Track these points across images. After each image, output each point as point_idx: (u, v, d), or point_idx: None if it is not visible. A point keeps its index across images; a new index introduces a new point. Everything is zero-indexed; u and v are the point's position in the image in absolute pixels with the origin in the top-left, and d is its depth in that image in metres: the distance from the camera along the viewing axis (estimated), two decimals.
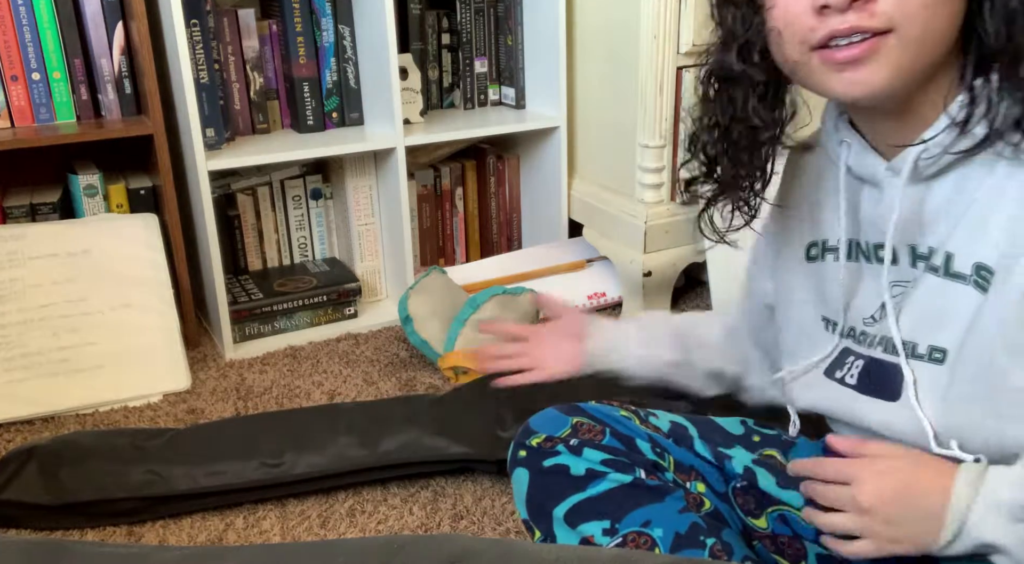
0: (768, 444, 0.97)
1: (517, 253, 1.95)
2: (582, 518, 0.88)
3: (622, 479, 0.89)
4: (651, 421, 0.97)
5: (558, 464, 0.92)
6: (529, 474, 0.93)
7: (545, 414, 0.97)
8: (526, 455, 0.94)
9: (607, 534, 0.87)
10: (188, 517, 1.20)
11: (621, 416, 0.96)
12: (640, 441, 0.93)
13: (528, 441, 0.95)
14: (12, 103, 1.57)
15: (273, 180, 1.80)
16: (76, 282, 1.54)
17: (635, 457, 0.91)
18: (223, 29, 1.66)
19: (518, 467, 0.95)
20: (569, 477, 0.91)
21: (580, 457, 0.91)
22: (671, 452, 0.94)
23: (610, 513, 0.87)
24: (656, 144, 1.63)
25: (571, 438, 0.93)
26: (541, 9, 1.81)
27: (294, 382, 1.55)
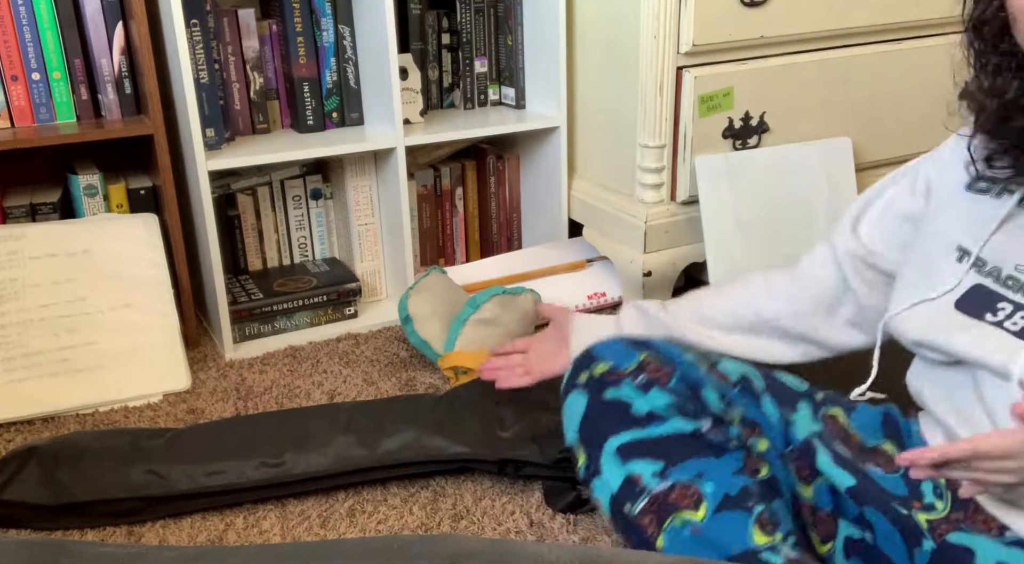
0: (831, 402, 0.96)
1: (517, 253, 1.95)
2: (636, 455, 0.88)
3: (684, 427, 0.88)
4: (719, 368, 0.96)
5: (620, 398, 0.90)
6: (588, 400, 0.92)
7: (611, 344, 0.96)
8: (586, 381, 0.93)
9: (657, 476, 0.86)
10: (188, 517, 1.20)
11: (689, 359, 0.95)
12: (707, 390, 0.92)
13: (591, 367, 0.94)
14: (12, 103, 1.57)
15: (273, 180, 1.80)
16: (76, 282, 1.54)
17: (701, 406, 0.90)
18: (223, 29, 1.66)
19: (576, 391, 0.93)
20: (630, 413, 0.90)
21: (645, 396, 0.90)
22: (738, 404, 0.93)
23: (665, 456, 0.87)
24: (656, 144, 1.63)
25: (638, 374, 0.91)
26: (541, 9, 1.81)
27: (294, 382, 1.55)
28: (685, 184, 1.66)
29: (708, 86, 1.61)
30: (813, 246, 1.10)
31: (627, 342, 0.96)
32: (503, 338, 1.57)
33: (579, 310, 1.78)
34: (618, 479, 0.89)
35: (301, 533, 1.17)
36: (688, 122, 1.62)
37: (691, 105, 1.61)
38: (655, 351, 0.94)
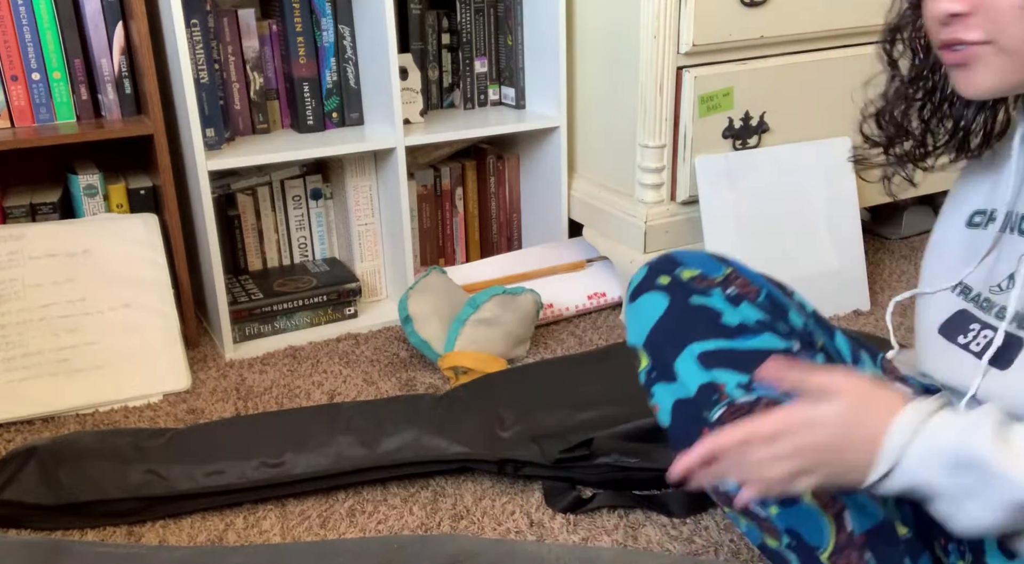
0: (887, 371, 0.96)
1: (517, 253, 1.95)
2: (722, 364, 0.85)
3: (776, 344, 0.86)
4: (795, 298, 0.94)
5: (710, 306, 0.88)
6: (669, 302, 0.89)
7: (696, 254, 0.93)
8: (670, 283, 0.90)
9: (742, 387, 0.84)
10: (188, 517, 1.20)
11: (771, 284, 0.93)
12: (793, 313, 0.90)
13: (676, 271, 0.91)
14: (12, 103, 1.57)
15: (273, 180, 1.80)
16: (76, 282, 1.54)
17: (791, 327, 0.89)
18: (223, 29, 1.66)
19: (655, 292, 0.90)
20: (720, 323, 0.87)
21: (736, 309, 0.87)
22: (818, 333, 0.91)
23: (752, 370, 0.83)
24: (656, 144, 1.63)
25: (728, 286, 0.89)
26: (541, 9, 1.81)
27: (294, 382, 1.55)
28: (685, 184, 1.66)
29: (708, 86, 1.61)
30: None
31: (710, 254, 0.93)
32: (503, 338, 1.57)
33: (579, 310, 1.79)
34: (695, 383, 0.86)
35: (301, 533, 1.17)
36: (688, 122, 1.62)
37: (691, 105, 1.61)
38: (738, 269, 0.92)
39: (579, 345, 1.68)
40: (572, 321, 1.77)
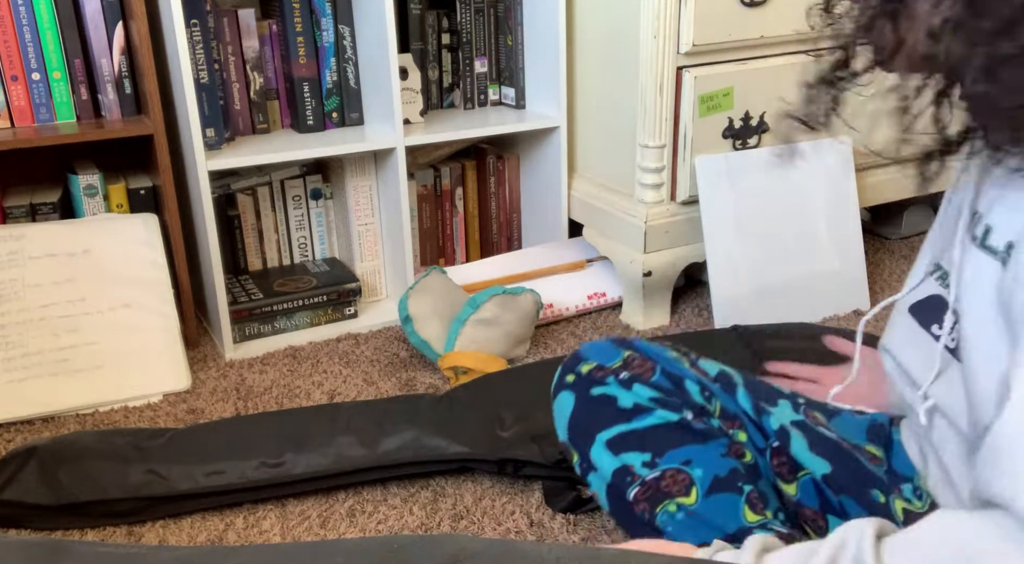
0: (814, 406, 0.98)
1: (517, 253, 1.95)
2: (625, 448, 0.90)
3: (669, 417, 0.91)
4: (700, 365, 0.98)
5: (606, 394, 0.93)
6: (575, 398, 0.95)
7: (597, 345, 0.99)
8: (574, 380, 0.96)
9: (647, 466, 0.89)
10: (188, 517, 1.20)
11: (671, 357, 0.97)
12: (689, 383, 0.94)
13: (578, 367, 0.97)
14: (12, 103, 1.57)
15: (273, 180, 1.80)
16: (76, 282, 1.54)
17: (684, 398, 0.93)
18: (223, 29, 1.66)
19: (564, 391, 0.96)
20: (616, 408, 0.92)
21: (630, 391, 0.92)
22: (718, 398, 0.95)
23: (652, 447, 0.89)
24: (656, 144, 1.63)
25: (622, 371, 0.94)
26: (541, 9, 1.81)
27: (294, 382, 1.55)
28: (685, 184, 1.66)
29: (708, 86, 1.60)
30: None
31: (612, 341, 0.99)
32: (503, 338, 1.57)
33: (579, 310, 1.79)
34: (611, 469, 0.91)
35: (301, 533, 1.17)
36: (688, 122, 1.62)
37: (691, 105, 1.61)
38: (638, 350, 0.98)
39: (579, 345, 1.68)
40: (572, 321, 1.77)
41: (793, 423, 0.94)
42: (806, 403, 0.98)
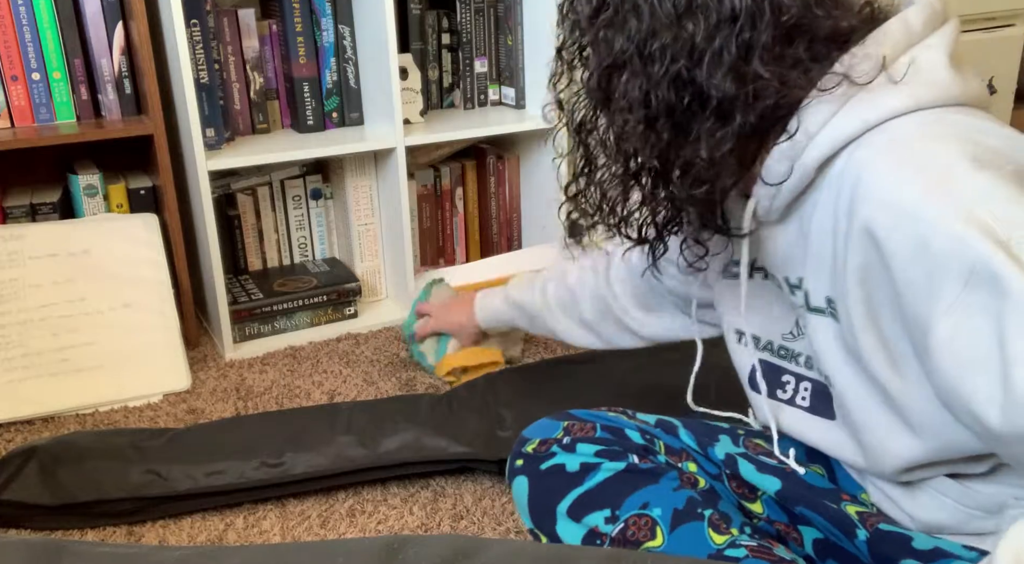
0: (753, 434, 0.99)
1: (517, 253, 1.95)
2: (584, 510, 0.90)
3: (616, 467, 0.91)
4: (638, 417, 1.00)
5: (554, 465, 0.94)
6: (528, 480, 0.95)
7: (538, 424, 1.00)
8: (523, 463, 0.97)
9: (609, 522, 0.89)
10: (188, 517, 1.20)
11: (609, 415, 0.99)
12: (629, 430, 0.96)
13: (523, 449, 0.97)
14: (12, 103, 1.57)
15: (273, 180, 1.80)
16: (76, 282, 1.54)
17: (626, 444, 0.94)
18: (223, 29, 1.66)
19: (517, 476, 0.97)
20: (566, 474, 0.93)
21: (574, 453, 0.93)
22: (660, 438, 0.97)
23: (609, 501, 0.89)
24: None
25: (564, 438, 0.95)
26: (541, 9, 1.81)
27: (294, 382, 1.55)
28: None
29: None
30: None
31: (551, 417, 1.00)
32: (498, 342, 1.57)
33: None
34: (579, 539, 0.91)
35: (301, 533, 1.17)
36: None
37: None
38: (576, 417, 0.99)
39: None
40: None
41: (738, 454, 0.95)
42: (745, 434, 0.99)
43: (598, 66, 0.74)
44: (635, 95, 0.72)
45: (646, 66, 0.71)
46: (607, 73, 0.74)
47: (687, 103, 0.71)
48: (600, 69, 0.74)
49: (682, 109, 0.71)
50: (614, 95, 0.73)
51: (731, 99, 0.70)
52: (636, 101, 0.72)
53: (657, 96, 0.71)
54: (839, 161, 0.74)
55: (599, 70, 0.74)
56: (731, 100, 0.70)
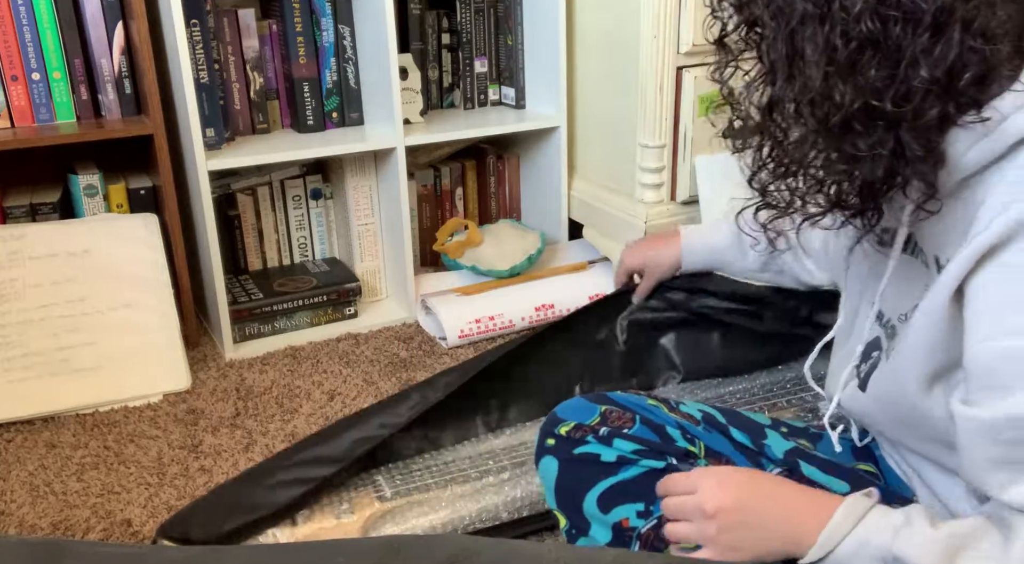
0: (796, 434, 0.97)
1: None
2: (615, 501, 0.88)
3: (655, 465, 0.89)
4: (681, 409, 0.97)
5: (588, 452, 0.91)
6: (558, 462, 0.93)
7: (573, 403, 0.97)
8: (554, 444, 0.94)
9: (642, 516, 0.87)
10: None
11: (650, 405, 0.96)
12: (670, 429, 0.93)
13: (556, 429, 0.94)
14: (12, 103, 1.57)
15: (273, 180, 1.80)
16: (76, 282, 1.54)
17: (666, 446, 0.91)
18: (223, 29, 1.66)
19: (546, 456, 0.94)
20: (600, 463, 0.90)
21: (611, 447, 0.91)
22: (702, 439, 0.94)
23: (644, 496, 0.87)
24: (656, 144, 1.63)
25: (600, 427, 0.92)
26: (541, 9, 1.81)
27: (294, 382, 1.55)
28: (685, 184, 1.66)
29: (708, 86, 1.60)
30: None
31: (587, 398, 0.98)
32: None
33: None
34: (607, 532, 0.89)
35: None
36: (688, 122, 1.62)
37: (691, 105, 1.61)
38: (614, 402, 0.96)
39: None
40: None
41: (789, 451, 0.94)
42: (789, 431, 0.98)
43: (783, 29, 0.68)
44: (834, 39, 0.66)
45: (842, 4, 0.65)
46: (791, 34, 0.68)
47: (896, 26, 0.64)
48: (785, 31, 0.68)
49: (890, 36, 0.65)
50: (805, 54, 0.67)
51: (948, 10, 0.63)
52: (836, 44, 0.66)
53: (862, 29, 0.64)
54: None
55: (784, 33, 0.68)
56: (948, 11, 0.63)
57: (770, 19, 0.69)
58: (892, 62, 0.65)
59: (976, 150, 0.68)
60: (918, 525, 0.68)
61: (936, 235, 0.75)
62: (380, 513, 1.13)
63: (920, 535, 0.68)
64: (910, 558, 0.67)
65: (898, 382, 0.77)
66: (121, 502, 1.24)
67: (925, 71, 0.64)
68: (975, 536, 0.67)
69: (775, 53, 0.70)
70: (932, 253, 0.76)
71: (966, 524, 0.68)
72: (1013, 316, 0.64)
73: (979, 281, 0.66)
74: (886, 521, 0.70)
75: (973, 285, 0.67)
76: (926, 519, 0.69)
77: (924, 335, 0.72)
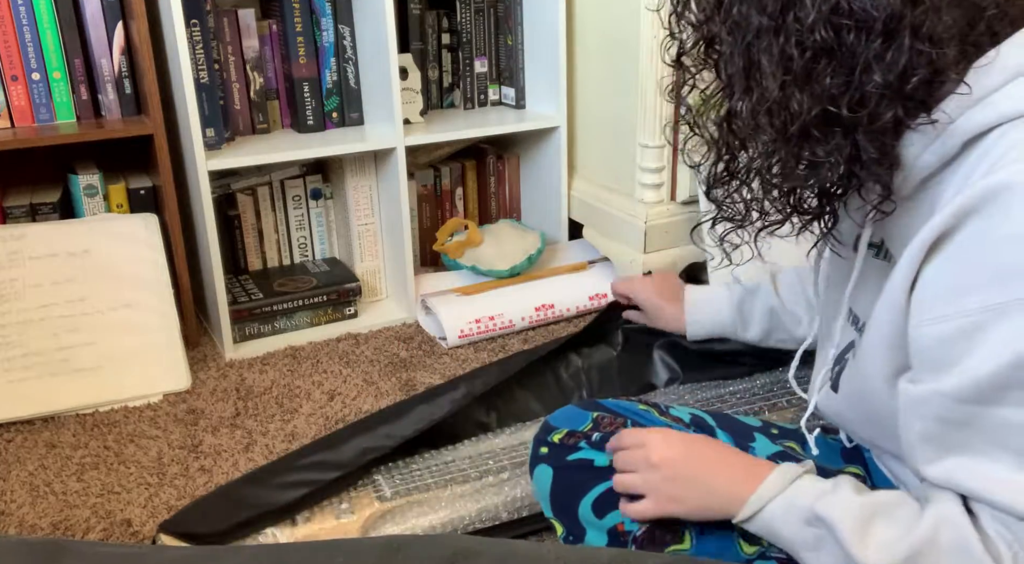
0: (785, 437, 0.98)
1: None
2: (610, 506, 0.89)
3: None
4: (671, 413, 0.98)
5: (581, 458, 0.92)
6: (552, 470, 0.94)
7: (565, 411, 0.98)
8: (548, 451, 0.95)
9: (635, 521, 0.87)
10: None
11: (640, 410, 0.97)
12: None
13: (549, 437, 0.95)
14: (12, 103, 1.57)
15: (273, 180, 1.80)
16: (76, 282, 1.54)
17: None
18: (223, 29, 1.66)
19: (540, 464, 0.95)
20: (593, 469, 0.91)
21: (603, 453, 0.92)
22: None
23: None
24: (656, 144, 1.63)
25: (593, 433, 0.94)
26: (541, 9, 1.81)
27: (294, 382, 1.55)
28: (685, 184, 1.66)
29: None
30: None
31: (579, 405, 0.99)
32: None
33: (580, 311, 1.78)
34: (602, 538, 0.90)
35: None
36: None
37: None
38: (605, 409, 0.97)
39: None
40: (573, 321, 1.77)
41: (776, 454, 0.94)
42: (779, 433, 0.98)
43: (739, 43, 0.70)
44: (789, 50, 0.67)
45: (796, 16, 0.67)
46: (747, 47, 0.70)
47: (849, 34, 0.66)
48: (742, 45, 0.70)
49: (843, 43, 0.66)
50: (762, 65, 0.69)
51: (897, 16, 0.65)
52: (792, 54, 0.67)
53: (816, 38, 0.66)
54: (988, 139, 0.67)
55: (741, 47, 0.70)
56: (897, 17, 0.65)
57: (727, 34, 0.71)
58: (847, 69, 0.67)
59: (929, 153, 0.70)
60: (843, 491, 0.74)
61: (901, 237, 0.77)
62: (380, 513, 1.14)
63: (843, 499, 0.73)
64: (831, 518, 0.72)
65: (864, 379, 0.79)
66: (121, 502, 1.24)
67: (879, 76, 0.66)
68: (894, 504, 0.72)
69: (732, 67, 0.72)
70: (899, 255, 0.77)
71: (889, 495, 0.73)
72: (952, 299, 0.66)
73: (927, 271, 0.68)
74: (813, 486, 0.76)
75: (923, 275, 0.69)
76: (852, 487, 0.74)
77: (884, 330, 0.74)
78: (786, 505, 0.76)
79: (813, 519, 0.73)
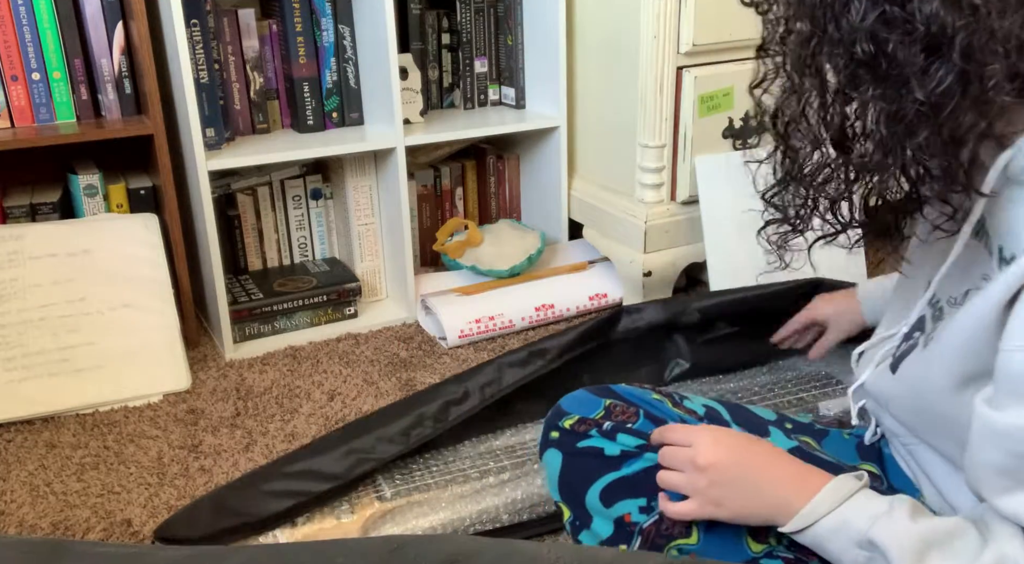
0: (800, 431, 0.97)
1: None
2: (618, 496, 0.89)
3: (657, 458, 0.88)
4: (685, 404, 0.97)
5: (592, 446, 0.91)
6: (562, 456, 0.93)
7: (577, 395, 0.97)
8: (558, 437, 0.94)
9: (644, 512, 0.87)
10: None
11: (654, 399, 0.96)
12: (675, 423, 0.92)
13: (560, 422, 0.95)
14: (12, 103, 1.57)
15: (273, 180, 1.80)
16: (76, 282, 1.54)
17: None
18: (223, 29, 1.66)
19: (550, 449, 0.95)
20: (603, 458, 0.91)
21: (614, 442, 0.91)
22: None
23: (647, 491, 0.87)
24: (656, 144, 1.63)
25: (604, 421, 0.93)
26: (541, 9, 1.81)
27: (294, 382, 1.55)
28: (685, 184, 1.66)
29: (708, 86, 1.61)
30: None
31: (591, 390, 0.98)
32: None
33: (580, 311, 1.78)
34: (608, 526, 0.89)
35: None
36: (688, 122, 1.62)
37: (691, 105, 1.61)
38: (618, 396, 0.96)
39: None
40: (573, 321, 1.77)
41: (791, 450, 0.93)
42: (793, 428, 0.97)
43: (807, 35, 0.68)
44: (848, 39, 0.66)
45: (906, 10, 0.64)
46: (807, 39, 0.68)
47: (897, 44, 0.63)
48: (805, 37, 0.67)
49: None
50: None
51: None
52: (848, 43, 0.66)
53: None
54: None
55: (803, 39, 0.68)
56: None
57: (809, 26, 0.69)
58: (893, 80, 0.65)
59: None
60: (898, 515, 0.70)
61: (1004, 222, 0.72)
62: (380, 513, 1.14)
63: (898, 524, 0.69)
64: (884, 545, 0.68)
65: (929, 373, 0.76)
66: (121, 502, 1.24)
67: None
68: (952, 534, 0.68)
69: (800, 53, 0.70)
70: (997, 242, 0.74)
71: (947, 522, 0.69)
72: None
73: None
74: (868, 506, 0.72)
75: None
76: (908, 511, 0.70)
77: (966, 335, 0.71)
78: (838, 524, 0.72)
79: (866, 543, 0.70)
